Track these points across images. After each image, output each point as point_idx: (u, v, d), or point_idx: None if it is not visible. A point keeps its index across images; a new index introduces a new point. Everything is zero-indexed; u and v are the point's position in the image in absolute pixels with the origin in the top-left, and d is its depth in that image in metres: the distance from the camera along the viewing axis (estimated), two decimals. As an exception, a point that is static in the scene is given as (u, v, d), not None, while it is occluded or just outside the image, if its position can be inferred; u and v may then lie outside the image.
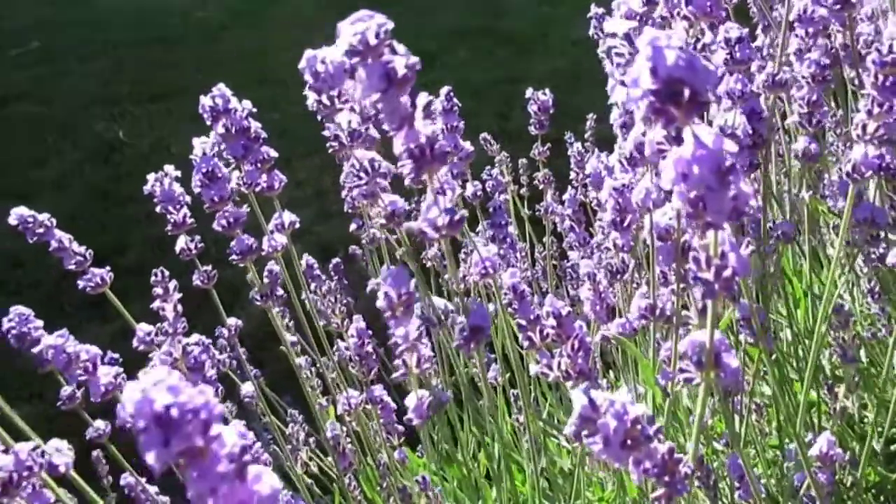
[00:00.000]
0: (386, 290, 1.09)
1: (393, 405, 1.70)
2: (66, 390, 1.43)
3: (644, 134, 1.11)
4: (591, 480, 1.89)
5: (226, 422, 0.51)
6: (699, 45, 1.21)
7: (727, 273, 0.65)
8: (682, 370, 0.70)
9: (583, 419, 0.69)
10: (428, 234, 0.90)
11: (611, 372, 2.31)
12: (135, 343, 1.55)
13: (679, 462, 0.71)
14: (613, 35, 1.06)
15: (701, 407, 0.73)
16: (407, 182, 0.89)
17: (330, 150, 1.45)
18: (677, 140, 0.64)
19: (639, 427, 0.69)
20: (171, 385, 0.49)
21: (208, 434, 0.49)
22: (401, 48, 0.82)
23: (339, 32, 0.81)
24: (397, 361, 1.16)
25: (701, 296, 0.65)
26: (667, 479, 0.71)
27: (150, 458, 0.49)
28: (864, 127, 1.18)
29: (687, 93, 0.61)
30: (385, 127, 0.87)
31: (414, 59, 0.83)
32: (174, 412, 0.48)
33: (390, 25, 0.81)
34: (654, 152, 0.67)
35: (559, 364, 1.02)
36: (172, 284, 1.44)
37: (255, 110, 1.49)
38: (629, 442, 0.69)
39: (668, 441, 0.72)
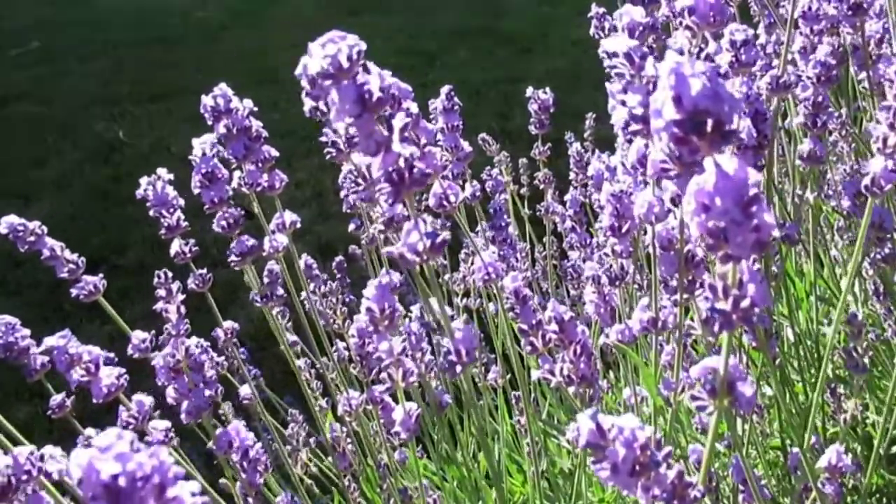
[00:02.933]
0: (369, 305, 1.06)
1: (393, 405, 1.69)
2: (56, 399, 1.42)
3: (647, 146, 1.09)
4: (591, 481, 1.88)
5: (186, 478, 0.49)
6: (703, 55, 1.19)
7: (745, 304, 0.61)
8: (693, 397, 0.68)
9: (589, 445, 0.67)
10: (408, 260, 0.85)
11: (611, 372, 2.30)
12: (129, 350, 1.53)
13: (689, 486, 0.69)
14: (614, 55, 1.03)
15: (712, 435, 0.71)
16: (385, 206, 0.85)
17: (328, 157, 1.44)
18: (679, 161, 0.61)
19: (648, 453, 0.67)
20: (120, 452, 0.47)
21: (164, 497, 0.47)
22: (374, 68, 0.78)
23: (309, 53, 0.76)
24: (383, 375, 1.13)
25: (717, 327, 0.62)
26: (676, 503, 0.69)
27: None
28: (886, 140, 1.14)
29: (711, 123, 0.58)
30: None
31: (389, 81, 0.78)
32: (122, 481, 0.46)
33: (363, 46, 0.77)
34: (657, 172, 0.65)
35: (561, 369, 1.01)
36: (175, 286, 1.43)
37: (255, 109, 1.49)
38: (638, 468, 0.67)
39: (669, 443, 0.70)
